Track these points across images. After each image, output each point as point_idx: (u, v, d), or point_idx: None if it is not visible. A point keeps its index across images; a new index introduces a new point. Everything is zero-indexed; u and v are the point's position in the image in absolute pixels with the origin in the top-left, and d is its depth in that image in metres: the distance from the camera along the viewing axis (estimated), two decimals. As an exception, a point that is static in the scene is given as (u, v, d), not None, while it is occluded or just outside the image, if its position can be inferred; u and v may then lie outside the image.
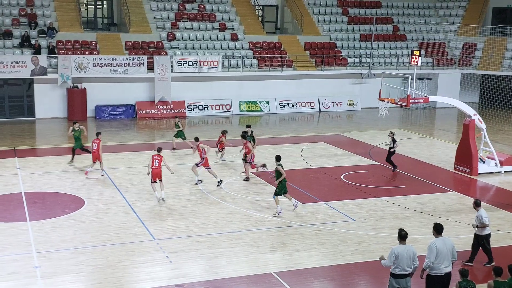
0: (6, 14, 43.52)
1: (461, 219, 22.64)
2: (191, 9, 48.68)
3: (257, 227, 21.32)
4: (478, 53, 52.16)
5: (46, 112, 41.46)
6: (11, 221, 21.42)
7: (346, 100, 48.78)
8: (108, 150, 32.50)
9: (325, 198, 24.88)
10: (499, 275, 13.76)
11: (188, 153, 32.14)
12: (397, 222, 22.01)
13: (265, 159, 30.80)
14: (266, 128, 41.91)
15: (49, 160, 30.28)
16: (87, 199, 23.92)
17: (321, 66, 47.82)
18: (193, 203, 23.81)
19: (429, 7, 57.13)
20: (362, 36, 51.97)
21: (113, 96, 42.85)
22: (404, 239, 14.75)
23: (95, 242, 19.58)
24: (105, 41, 44.20)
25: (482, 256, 18.45)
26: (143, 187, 25.77)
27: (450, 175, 29.37)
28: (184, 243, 19.69)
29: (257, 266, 17.98)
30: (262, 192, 25.52)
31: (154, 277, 17.13)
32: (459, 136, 30.60)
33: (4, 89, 41.17)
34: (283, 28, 54.51)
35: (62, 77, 40.56)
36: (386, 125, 41.06)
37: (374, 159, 31.80)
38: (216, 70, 44.50)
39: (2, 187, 25.27)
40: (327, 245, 19.77)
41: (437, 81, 50.66)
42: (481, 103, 51.51)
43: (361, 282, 17.36)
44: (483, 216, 17.99)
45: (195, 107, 44.54)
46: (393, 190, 26.44)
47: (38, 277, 16.97)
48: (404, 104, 29.03)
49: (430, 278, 14.71)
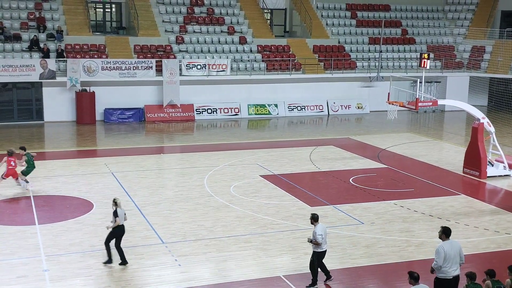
0: (15, 17, 43.65)
1: (470, 222, 22.57)
2: (199, 13, 48.74)
3: (266, 230, 21.29)
4: (487, 56, 52.04)
5: (54, 115, 41.53)
6: (20, 224, 21.45)
7: (354, 103, 48.72)
8: (117, 153, 32.64)
9: (334, 201, 24.85)
10: (493, 276, 13.91)
11: (191, 155, 32.17)
12: (406, 225, 21.99)
13: (273, 162, 30.87)
14: (274, 131, 41.91)
15: (57, 163, 30.32)
16: (95, 203, 23.94)
17: (329, 69, 47.78)
18: (202, 206, 23.80)
19: (438, 10, 57.00)
20: (371, 39, 51.92)
21: (122, 99, 42.90)
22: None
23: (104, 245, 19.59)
24: (114, 45, 44.29)
25: (484, 262, 18.38)
26: (152, 190, 25.81)
27: (459, 178, 29.28)
28: (193, 246, 19.68)
29: (266, 270, 17.96)
30: (270, 195, 25.49)
31: (163, 280, 17.13)
32: (468, 139, 30.50)
33: (12, 92, 41.28)
34: (292, 32, 54.48)
35: (70, 81, 40.64)
36: (395, 128, 41.05)
37: (382, 162, 31.75)
38: (224, 74, 44.52)
39: (10, 190, 25.29)
40: (336, 248, 19.73)
41: (446, 84, 50.53)
42: (490, 106, 51.42)
43: (370, 286, 17.31)
44: (317, 233, 16.71)
45: (204, 110, 44.54)
46: (402, 193, 26.36)
47: (47, 280, 16.99)
48: (412, 107, 28.98)
49: (438, 281, 14.66)
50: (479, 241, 20.72)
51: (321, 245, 16.75)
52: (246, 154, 32.71)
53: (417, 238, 20.80)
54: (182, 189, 26.16)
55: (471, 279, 13.92)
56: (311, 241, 16.80)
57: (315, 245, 16.76)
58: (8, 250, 19.09)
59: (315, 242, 16.69)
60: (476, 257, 19.15)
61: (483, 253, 19.71)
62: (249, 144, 35.71)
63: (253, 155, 32.53)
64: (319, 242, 16.66)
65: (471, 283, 13.89)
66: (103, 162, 30.60)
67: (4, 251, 19.00)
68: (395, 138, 38.19)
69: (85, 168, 29.38)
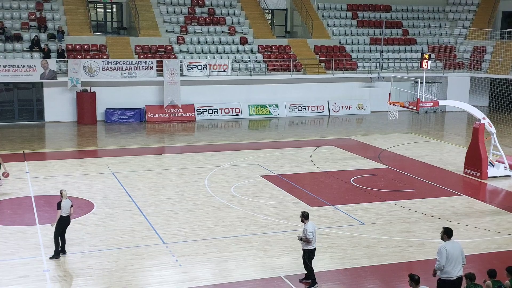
0: (16, 17, 43.66)
1: (471, 222, 22.57)
2: (200, 13, 48.75)
3: (267, 230, 21.29)
4: (488, 56, 52.02)
5: (55, 115, 41.53)
6: (21, 224, 21.47)
7: (355, 104, 48.72)
8: (118, 153, 32.64)
9: (335, 201, 24.85)
10: (493, 276, 13.92)
11: (193, 156, 32.18)
12: (407, 226, 21.99)
13: (273, 162, 30.86)
14: (275, 131, 41.91)
15: (58, 163, 30.33)
16: (96, 203, 23.95)
17: (330, 69, 47.78)
18: (202, 206, 23.80)
19: (439, 10, 56.98)
20: (372, 39, 51.91)
21: (123, 99, 42.90)
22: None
23: (105, 245, 19.60)
24: (115, 45, 44.29)
25: (484, 262, 18.38)
26: (153, 190, 25.82)
27: (460, 178, 29.28)
28: (194, 246, 19.69)
29: (267, 270, 17.96)
30: (271, 196, 25.48)
31: (164, 280, 17.14)
32: (469, 140, 30.49)
33: (13, 92, 41.30)
34: (293, 32, 54.48)
35: (71, 81, 40.65)
36: (396, 129, 41.05)
37: (383, 162, 31.74)
38: (225, 74, 44.52)
39: (11, 190, 25.32)
40: (337, 248, 19.74)
41: (447, 85, 50.51)
42: (491, 106, 51.41)
43: (370, 286, 17.30)
44: (308, 230, 16.78)
45: (205, 110, 44.53)
46: (402, 194, 26.35)
47: (48, 280, 17.00)
48: (413, 108, 28.99)
49: (441, 282, 14.62)
50: (480, 241, 20.71)
51: (311, 242, 16.81)
52: (246, 155, 32.71)
53: (418, 239, 20.79)
54: (183, 189, 26.16)
55: (471, 280, 13.91)
56: (301, 239, 16.87)
57: (305, 242, 16.83)
58: (8, 250, 19.10)
59: (306, 240, 16.75)
60: (477, 257, 19.15)
61: (484, 253, 19.70)
62: (250, 145, 35.70)
63: (253, 156, 32.53)
64: (310, 239, 16.72)
65: (471, 284, 13.88)
66: (104, 163, 30.61)
67: (4, 251, 19.01)
68: (396, 138, 38.19)
69: (85, 168, 29.39)
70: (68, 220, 18.69)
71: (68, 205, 18.53)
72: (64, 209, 18.41)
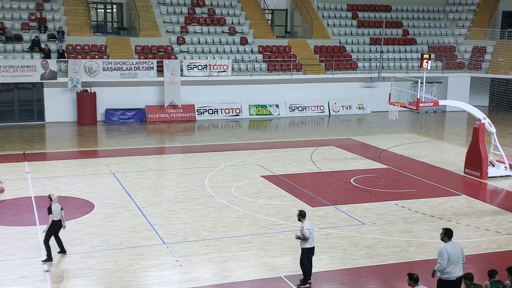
0: (16, 18, 43.67)
1: (471, 222, 22.57)
2: (200, 13, 48.75)
3: (267, 231, 21.30)
4: (488, 56, 52.02)
5: (56, 116, 41.53)
6: (21, 225, 21.47)
7: (355, 104, 48.72)
8: (118, 154, 32.64)
9: (335, 202, 24.85)
10: (493, 277, 13.91)
11: (195, 156, 32.18)
12: (407, 226, 21.99)
13: (274, 163, 30.87)
14: (276, 131, 41.91)
15: (58, 164, 30.34)
16: (96, 203, 23.95)
17: (330, 70, 47.77)
18: (203, 207, 23.80)
19: (439, 10, 56.98)
20: (372, 39, 51.91)
21: (123, 100, 42.90)
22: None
23: (105, 246, 19.61)
24: (115, 45, 44.30)
25: (485, 262, 18.37)
26: (153, 190, 25.83)
27: (460, 178, 29.28)
28: (194, 247, 19.69)
29: (267, 270, 17.97)
30: (271, 196, 25.48)
31: (164, 281, 17.14)
32: (469, 140, 30.50)
33: (14, 93, 41.30)
34: (293, 32, 54.48)
35: (71, 81, 40.64)
36: (396, 129, 41.05)
37: (384, 162, 31.74)
38: (225, 74, 44.53)
39: (12, 191, 25.30)
40: (337, 248, 19.74)
41: (447, 85, 50.51)
42: (491, 106, 51.39)
43: (370, 286, 17.30)
44: (305, 227, 16.77)
45: (205, 111, 44.53)
46: (403, 194, 26.34)
47: (48, 281, 17.01)
48: (413, 108, 28.99)
49: (442, 282, 14.62)
50: (480, 241, 20.71)
51: (309, 240, 16.81)
52: (247, 155, 32.71)
53: (418, 239, 20.80)
54: (183, 189, 26.17)
55: (470, 280, 13.89)
56: (299, 237, 16.89)
57: (303, 240, 16.83)
58: (9, 250, 19.10)
59: (303, 237, 16.76)
60: (477, 257, 19.16)
61: (484, 253, 19.71)
62: (250, 145, 35.70)
63: (254, 156, 32.54)
64: (307, 236, 16.72)
65: (471, 284, 13.87)
66: (104, 163, 30.62)
67: (5, 251, 19.01)
68: (396, 138, 38.19)
69: (86, 169, 29.39)
70: (60, 224, 18.61)
71: (58, 209, 18.47)
72: (55, 213, 18.33)
